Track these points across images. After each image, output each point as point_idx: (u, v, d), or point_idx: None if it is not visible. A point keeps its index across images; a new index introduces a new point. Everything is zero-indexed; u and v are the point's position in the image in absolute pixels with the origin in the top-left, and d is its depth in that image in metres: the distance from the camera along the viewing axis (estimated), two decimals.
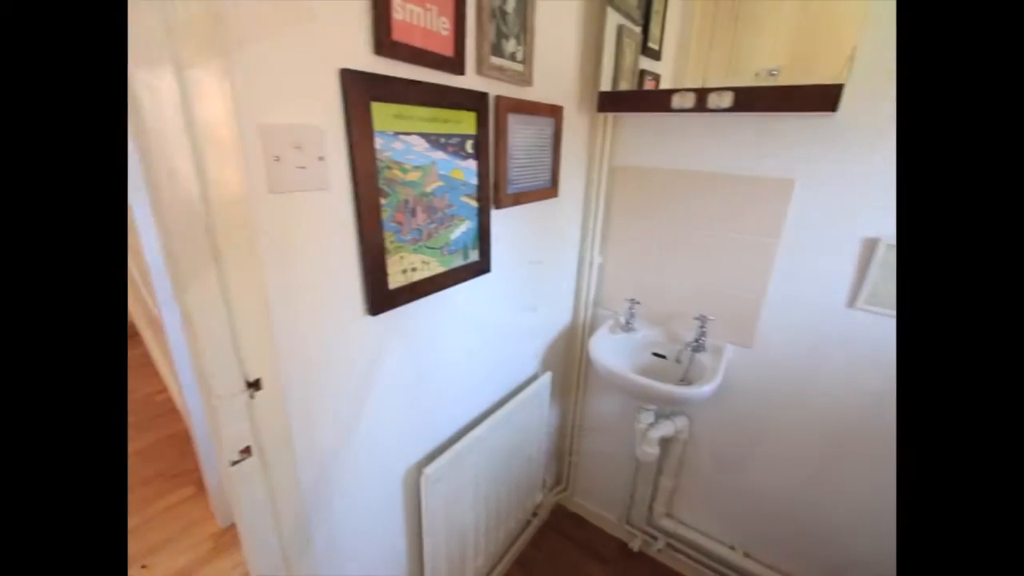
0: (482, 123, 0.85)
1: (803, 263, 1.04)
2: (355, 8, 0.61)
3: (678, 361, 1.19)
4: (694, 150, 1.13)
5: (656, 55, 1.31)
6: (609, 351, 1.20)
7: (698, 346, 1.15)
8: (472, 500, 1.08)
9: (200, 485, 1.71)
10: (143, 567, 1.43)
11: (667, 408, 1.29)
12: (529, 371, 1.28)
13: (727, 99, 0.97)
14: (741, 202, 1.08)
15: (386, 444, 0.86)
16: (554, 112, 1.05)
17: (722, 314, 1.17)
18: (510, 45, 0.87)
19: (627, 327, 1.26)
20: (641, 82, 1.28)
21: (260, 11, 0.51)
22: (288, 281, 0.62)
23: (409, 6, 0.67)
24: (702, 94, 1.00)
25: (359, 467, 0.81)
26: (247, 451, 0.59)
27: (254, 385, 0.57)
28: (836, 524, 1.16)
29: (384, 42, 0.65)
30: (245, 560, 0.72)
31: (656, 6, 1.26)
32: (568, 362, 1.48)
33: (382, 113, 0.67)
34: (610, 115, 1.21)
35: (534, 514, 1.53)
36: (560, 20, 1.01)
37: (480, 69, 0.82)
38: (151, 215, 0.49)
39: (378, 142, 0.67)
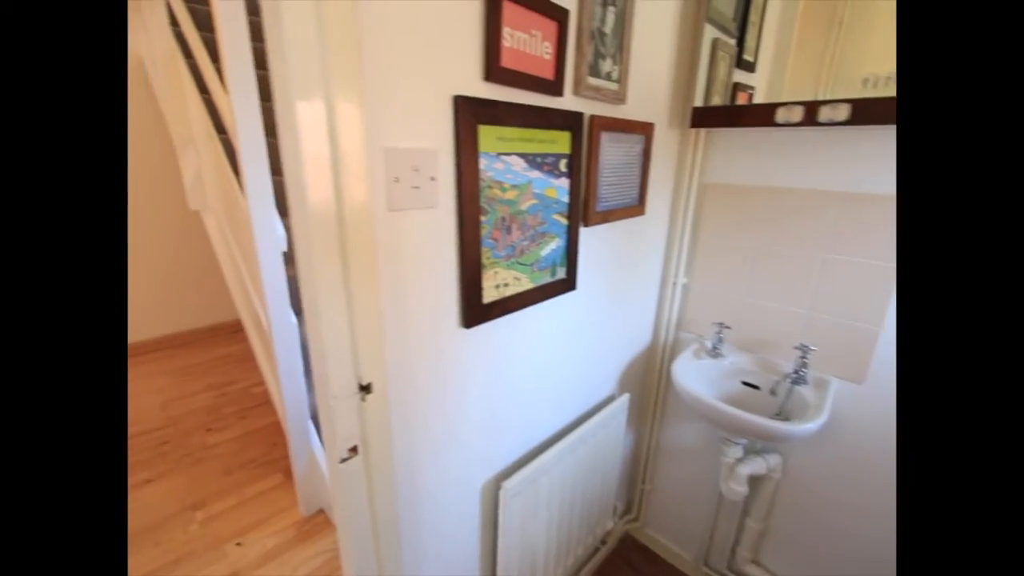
0: (576, 142, 0.86)
1: None
2: (470, 38, 0.65)
3: (773, 393, 1.10)
4: (796, 166, 1.05)
5: (751, 67, 1.25)
6: (693, 377, 1.13)
7: (798, 378, 1.06)
8: (546, 520, 1.07)
9: (288, 474, 1.85)
10: (238, 544, 1.57)
11: (758, 443, 1.19)
12: (606, 392, 1.25)
13: (842, 112, 0.89)
14: (852, 222, 0.98)
15: (468, 455, 0.88)
16: (645, 129, 1.04)
17: (827, 344, 1.06)
18: (606, 65, 0.88)
19: (714, 352, 1.19)
20: (734, 96, 1.23)
21: (389, 46, 0.56)
22: (396, 293, 0.66)
23: (517, 34, 0.70)
24: (812, 107, 0.94)
25: (444, 475, 0.84)
26: (354, 450, 0.64)
27: (366, 388, 0.61)
28: None
29: (493, 69, 0.68)
30: (341, 555, 0.77)
31: (753, 17, 1.21)
32: (646, 385, 1.42)
33: (487, 135, 0.70)
34: (702, 131, 1.16)
35: (603, 542, 1.47)
36: (655, 38, 1.00)
37: (577, 90, 0.83)
38: (294, 228, 0.55)
39: (482, 163, 0.71)
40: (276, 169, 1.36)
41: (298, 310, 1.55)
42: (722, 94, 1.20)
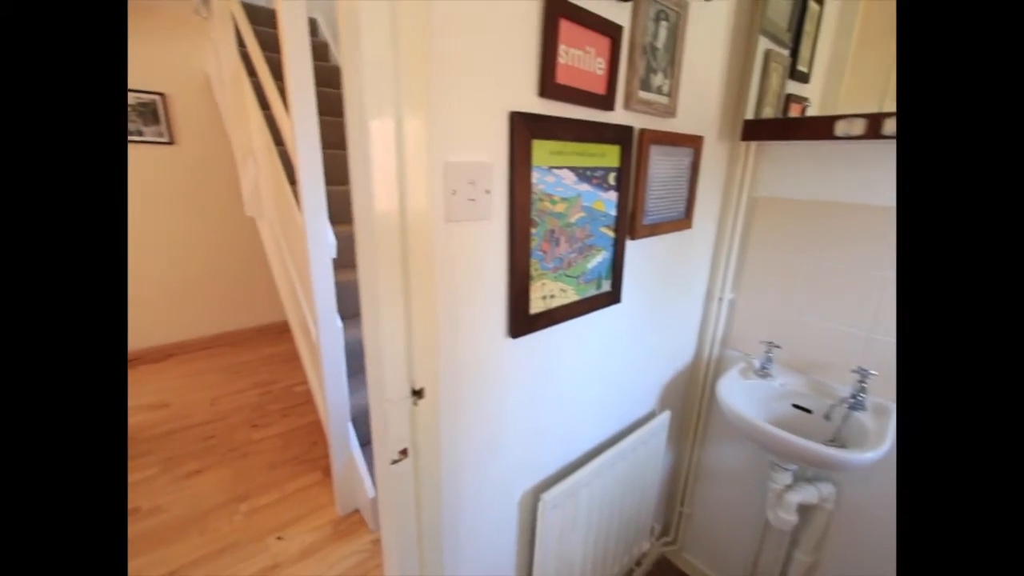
0: (625, 156, 0.86)
1: None
2: (527, 56, 0.67)
3: (827, 418, 1.04)
4: (854, 180, 1.00)
5: (804, 78, 1.22)
6: (740, 397, 1.09)
7: (856, 403, 1.00)
8: (583, 535, 1.05)
9: (326, 472, 1.91)
10: (279, 537, 1.63)
11: (810, 470, 1.13)
12: (646, 408, 1.22)
13: None
14: None
15: (509, 464, 0.88)
16: (694, 142, 1.03)
17: (889, 369, 1.00)
18: (657, 79, 0.88)
19: (762, 372, 1.14)
20: (787, 107, 1.20)
21: (452, 65, 0.59)
22: (448, 301, 0.68)
23: (572, 51, 0.71)
24: (875, 119, 0.90)
25: (484, 482, 0.84)
26: (404, 453, 0.65)
27: (418, 393, 0.63)
28: None
29: (548, 85, 0.70)
30: (384, 552, 0.78)
31: (808, 27, 1.18)
32: (687, 403, 1.38)
33: (540, 150, 0.72)
34: (752, 144, 1.14)
35: (638, 563, 1.43)
36: (707, 51, 1.00)
37: (628, 104, 0.84)
38: (359, 236, 0.58)
39: (534, 176, 0.72)
40: (327, 180, 1.43)
41: (344, 315, 1.61)
42: (774, 106, 1.17)
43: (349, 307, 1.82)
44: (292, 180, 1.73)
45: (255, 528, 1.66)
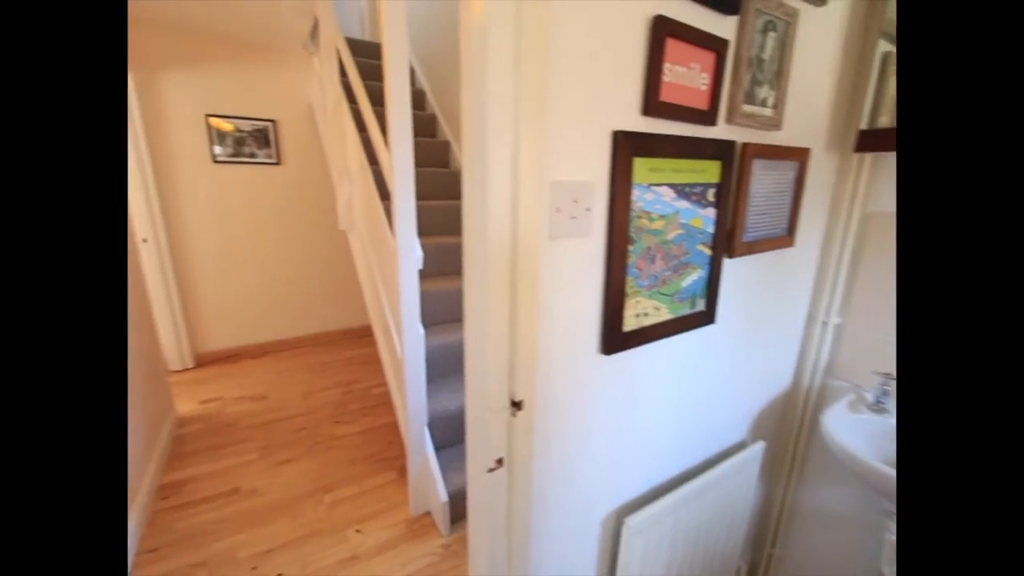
0: (726, 171, 0.83)
1: None
2: (632, 77, 0.68)
3: None
4: None
5: None
6: (849, 432, 0.98)
7: None
8: (665, 566, 1.00)
9: (401, 472, 2.00)
10: (357, 530, 1.73)
11: None
12: (737, 436, 1.14)
13: None
14: None
15: (594, 483, 0.87)
16: (799, 155, 0.96)
17: None
18: (763, 91, 0.84)
19: (876, 407, 1.03)
20: None
21: (562, 89, 0.61)
22: (546, 315, 0.69)
23: (676, 68, 0.71)
24: None
25: (569, 500, 0.84)
26: (500, 462, 0.67)
27: (517, 405, 0.65)
28: None
29: (651, 103, 0.70)
30: (470, 557, 0.81)
31: None
32: (782, 434, 1.27)
33: (640, 167, 0.72)
34: (867, 155, 1.04)
35: None
36: (818, 59, 0.94)
37: (731, 118, 0.81)
38: (468, 251, 0.62)
39: (634, 194, 0.72)
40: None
41: (425, 323, 1.70)
42: (892, 113, 1.06)
43: (430, 316, 1.91)
44: (383, 196, 1.87)
45: (337, 519, 1.77)
